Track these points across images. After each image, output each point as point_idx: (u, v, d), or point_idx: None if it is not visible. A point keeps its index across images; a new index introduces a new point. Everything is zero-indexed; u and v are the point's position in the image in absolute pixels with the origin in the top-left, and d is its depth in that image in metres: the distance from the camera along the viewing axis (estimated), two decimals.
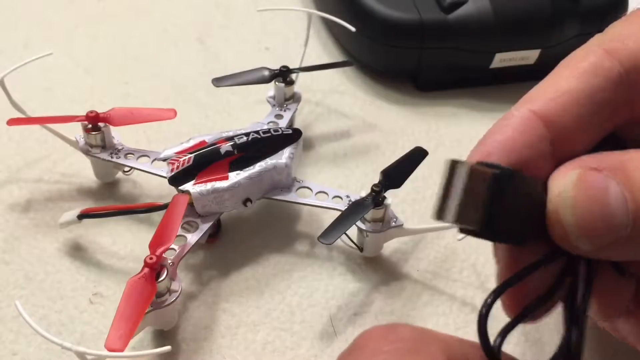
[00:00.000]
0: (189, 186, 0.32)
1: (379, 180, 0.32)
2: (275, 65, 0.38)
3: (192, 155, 0.33)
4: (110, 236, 0.34)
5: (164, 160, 0.33)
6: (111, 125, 0.34)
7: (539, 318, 0.23)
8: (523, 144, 0.22)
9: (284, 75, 0.38)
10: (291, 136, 0.34)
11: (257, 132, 0.33)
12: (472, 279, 0.34)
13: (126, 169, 0.36)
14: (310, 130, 0.41)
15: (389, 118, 0.42)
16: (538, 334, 0.31)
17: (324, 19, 0.45)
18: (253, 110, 0.41)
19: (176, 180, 0.32)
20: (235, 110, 0.42)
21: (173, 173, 0.32)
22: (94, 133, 0.34)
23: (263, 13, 0.48)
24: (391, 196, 0.32)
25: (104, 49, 0.46)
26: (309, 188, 0.34)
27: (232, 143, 0.33)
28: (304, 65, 0.40)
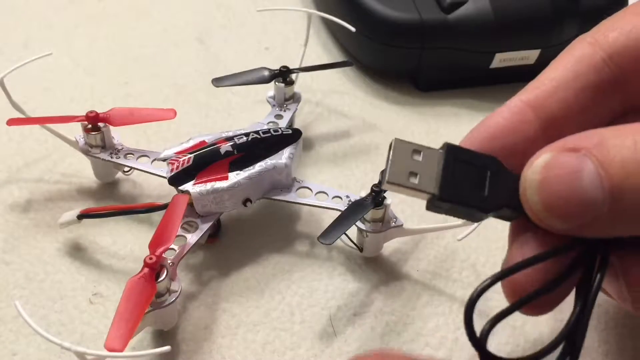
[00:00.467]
0: (189, 186, 0.32)
1: (379, 180, 0.32)
2: (275, 66, 0.38)
3: (192, 155, 0.33)
4: (110, 236, 0.34)
5: (164, 160, 0.33)
6: (111, 125, 0.34)
7: (544, 309, 0.23)
8: (508, 129, 0.23)
9: (283, 75, 0.38)
10: (291, 136, 0.34)
11: (257, 132, 0.33)
12: (472, 279, 0.34)
13: (126, 169, 0.36)
14: (310, 130, 0.41)
15: (389, 118, 0.42)
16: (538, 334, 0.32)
17: (324, 19, 0.45)
18: (253, 110, 0.41)
19: (176, 180, 0.32)
20: (235, 110, 0.42)
21: (173, 173, 0.32)
22: (93, 133, 0.34)
23: (263, 13, 0.48)
24: (391, 196, 0.32)
25: (104, 49, 0.46)
26: (308, 188, 0.34)
27: (232, 143, 0.33)
28: (304, 65, 0.40)
